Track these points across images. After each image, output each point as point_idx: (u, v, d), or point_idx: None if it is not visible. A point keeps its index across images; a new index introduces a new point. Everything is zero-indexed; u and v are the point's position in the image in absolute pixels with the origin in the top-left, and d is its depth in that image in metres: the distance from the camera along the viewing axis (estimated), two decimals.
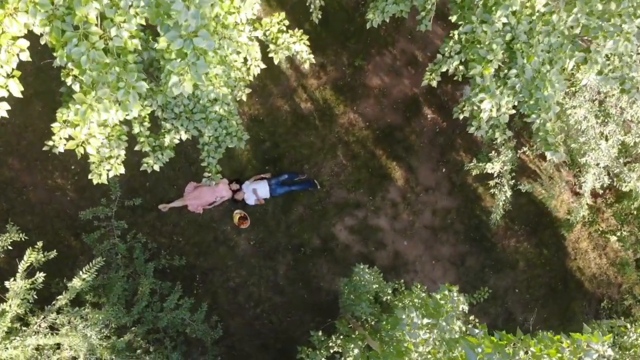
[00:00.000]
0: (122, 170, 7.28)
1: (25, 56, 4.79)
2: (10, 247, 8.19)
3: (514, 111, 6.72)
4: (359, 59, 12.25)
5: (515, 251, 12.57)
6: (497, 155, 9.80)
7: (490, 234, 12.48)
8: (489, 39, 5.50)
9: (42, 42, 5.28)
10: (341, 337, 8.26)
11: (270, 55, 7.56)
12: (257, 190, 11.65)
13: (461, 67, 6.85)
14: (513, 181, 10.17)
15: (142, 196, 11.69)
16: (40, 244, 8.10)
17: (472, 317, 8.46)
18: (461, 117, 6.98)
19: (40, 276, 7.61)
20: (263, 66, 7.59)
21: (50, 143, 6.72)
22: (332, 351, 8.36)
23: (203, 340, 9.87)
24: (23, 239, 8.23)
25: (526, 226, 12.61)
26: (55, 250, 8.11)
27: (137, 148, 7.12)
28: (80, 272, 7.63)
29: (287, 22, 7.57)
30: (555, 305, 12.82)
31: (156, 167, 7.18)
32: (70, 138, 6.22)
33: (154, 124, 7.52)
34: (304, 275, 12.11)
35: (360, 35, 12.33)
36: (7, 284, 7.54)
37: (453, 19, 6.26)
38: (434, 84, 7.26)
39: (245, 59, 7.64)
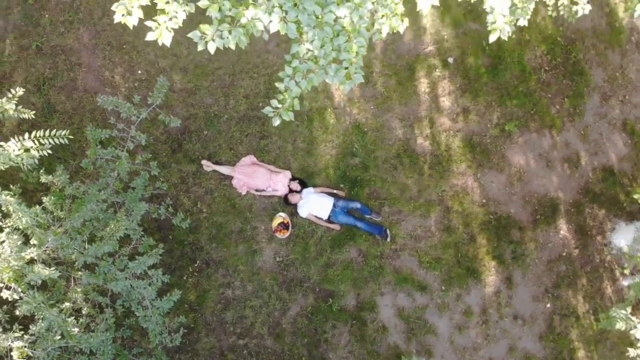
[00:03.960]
0: (167, 39, 4.45)
1: None
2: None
3: None
4: (512, 124, 9.09)
5: None
6: None
7: None
8: None
9: None
10: None
11: None
12: (315, 203, 8.55)
13: None
14: None
15: (190, 142, 8.89)
16: (20, 91, 5.31)
17: None
18: None
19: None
20: None
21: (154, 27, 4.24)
22: None
23: (150, 338, 6.59)
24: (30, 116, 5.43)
25: None
26: (33, 112, 5.28)
27: (200, 3, 4.26)
28: (22, 138, 4.71)
29: None
30: None
31: (210, 47, 4.26)
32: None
33: None
34: (315, 333, 8.66)
35: (527, 100, 9.21)
36: None
37: None
38: None
39: None
